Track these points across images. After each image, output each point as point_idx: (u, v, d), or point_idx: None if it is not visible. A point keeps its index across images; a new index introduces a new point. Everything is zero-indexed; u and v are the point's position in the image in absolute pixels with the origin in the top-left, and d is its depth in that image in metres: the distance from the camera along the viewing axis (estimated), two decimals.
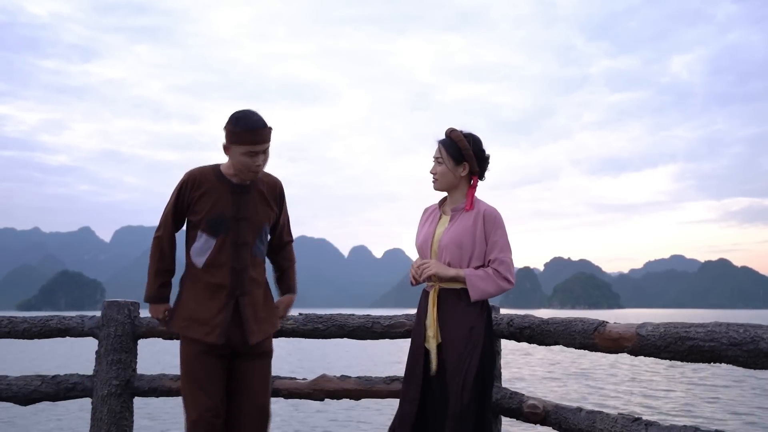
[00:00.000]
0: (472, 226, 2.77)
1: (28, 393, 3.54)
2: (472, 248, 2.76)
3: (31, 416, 9.57)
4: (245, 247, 2.76)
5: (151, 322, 3.57)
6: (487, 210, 2.80)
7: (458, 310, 2.76)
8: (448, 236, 2.79)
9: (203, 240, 2.73)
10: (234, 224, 2.74)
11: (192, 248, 2.77)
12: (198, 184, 2.74)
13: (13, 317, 3.68)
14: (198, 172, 2.77)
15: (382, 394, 3.42)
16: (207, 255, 2.73)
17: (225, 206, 2.74)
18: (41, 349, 25.67)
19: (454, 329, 2.73)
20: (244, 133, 2.63)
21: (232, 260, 2.73)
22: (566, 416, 2.87)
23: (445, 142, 2.84)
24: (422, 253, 2.90)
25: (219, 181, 2.75)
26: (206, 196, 2.73)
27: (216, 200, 2.73)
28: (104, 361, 3.49)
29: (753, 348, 2.09)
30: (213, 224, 2.72)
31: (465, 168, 2.82)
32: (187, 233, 2.80)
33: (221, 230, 2.72)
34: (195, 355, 2.72)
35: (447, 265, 2.78)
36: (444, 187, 2.88)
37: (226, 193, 2.75)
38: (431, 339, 2.78)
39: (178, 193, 2.76)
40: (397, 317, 3.47)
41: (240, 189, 2.77)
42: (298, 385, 3.47)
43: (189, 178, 2.76)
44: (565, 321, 2.90)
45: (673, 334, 2.34)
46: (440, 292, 2.81)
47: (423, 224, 2.98)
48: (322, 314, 3.52)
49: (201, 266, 2.74)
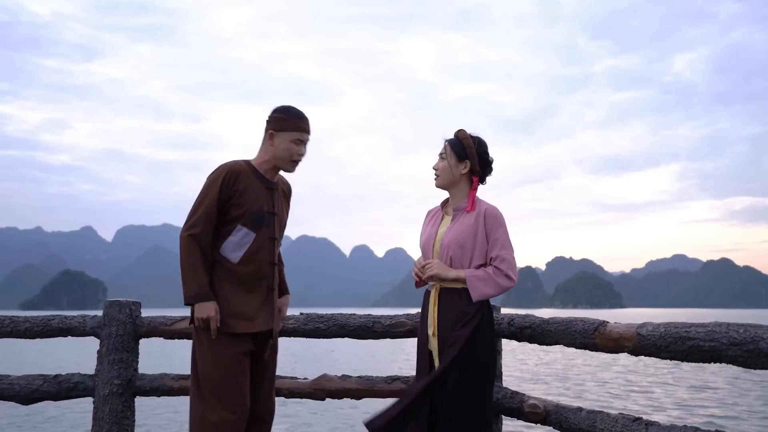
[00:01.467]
0: (473, 225, 2.81)
1: (30, 392, 3.55)
2: (473, 247, 2.79)
3: (32, 416, 9.58)
4: (276, 242, 2.84)
5: (153, 321, 3.58)
6: (488, 209, 2.84)
7: (458, 310, 2.77)
8: (450, 236, 2.83)
9: (242, 234, 2.72)
10: (270, 219, 2.79)
11: (226, 243, 2.73)
12: (238, 178, 2.73)
13: (15, 317, 3.69)
14: (236, 165, 2.76)
15: (384, 394, 3.42)
16: (245, 249, 2.73)
17: (264, 200, 2.77)
18: (43, 349, 25.68)
19: (453, 329, 2.75)
20: (296, 120, 2.76)
21: (268, 256, 2.79)
22: (567, 416, 2.87)
23: (452, 140, 2.93)
24: (425, 253, 2.94)
25: (255, 175, 2.78)
26: (248, 189, 2.73)
27: (257, 194, 2.75)
28: (106, 360, 3.50)
29: (753, 348, 2.10)
30: (256, 218, 2.73)
31: (466, 166, 2.88)
32: (217, 229, 2.73)
33: (262, 224, 2.75)
34: (236, 357, 2.68)
35: (449, 265, 2.80)
36: (444, 183, 2.93)
37: (262, 187, 2.78)
38: (432, 338, 2.81)
39: (220, 186, 2.69)
40: (398, 317, 3.47)
41: (272, 185, 2.82)
42: (299, 384, 3.47)
43: (229, 171, 2.72)
44: (565, 321, 2.91)
45: (674, 334, 2.35)
46: (441, 292, 2.83)
47: (426, 225, 3.03)
48: (323, 314, 3.53)
49: (237, 261, 2.72)
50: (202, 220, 2.69)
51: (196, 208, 2.71)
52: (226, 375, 2.65)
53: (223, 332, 2.68)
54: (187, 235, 2.68)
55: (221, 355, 2.67)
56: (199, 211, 2.69)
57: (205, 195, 2.70)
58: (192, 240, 2.68)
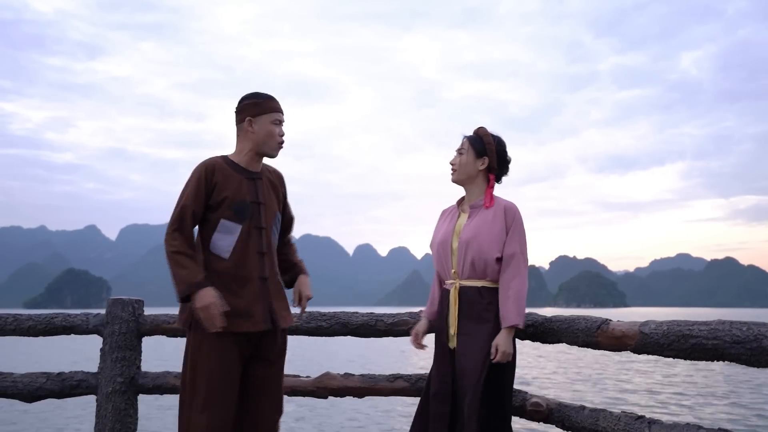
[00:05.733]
0: (492, 221, 2.82)
1: (33, 390, 3.56)
2: (491, 242, 2.79)
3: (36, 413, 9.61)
4: (266, 232, 2.78)
5: (156, 319, 3.59)
6: (507, 205, 2.87)
7: (479, 308, 2.78)
8: (468, 232, 2.83)
9: (228, 227, 2.68)
10: (255, 209, 2.74)
11: (212, 239, 2.69)
12: (215, 172, 2.70)
13: (19, 315, 3.70)
14: (211, 161, 2.74)
15: (386, 392, 3.42)
16: (234, 242, 2.68)
17: (245, 191, 2.73)
18: (46, 347, 25.77)
19: (474, 327, 2.77)
20: (270, 101, 2.77)
21: (257, 246, 2.73)
22: (569, 414, 2.87)
23: (471, 137, 2.95)
24: (442, 251, 2.92)
25: (232, 168, 2.75)
26: (226, 182, 2.70)
27: (237, 186, 2.72)
28: (109, 358, 3.51)
29: (756, 346, 2.09)
30: (238, 209, 2.69)
31: (484, 162, 2.90)
32: (202, 227, 2.71)
33: (246, 215, 2.71)
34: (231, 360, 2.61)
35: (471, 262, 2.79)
36: (461, 178, 2.93)
37: (242, 178, 2.75)
38: (453, 337, 2.82)
39: (197, 182, 2.67)
40: (401, 315, 3.47)
41: (253, 175, 2.79)
42: (302, 382, 3.47)
43: (206, 167, 2.70)
44: (568, 319, 2.90)
45: (676, 332, 2.34)
46: (461, 291, 2.83)
47: (442, 223, 3.02)
48: (326, 312, 3.53)
49: (227, 256, 2.67)
50: (182, 217, 2.64)
51: (175, 208, 2.67)
52: (212, 377, 2.57)
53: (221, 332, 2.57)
54: (168, 235, 2.63)
55: (219, 357, 2.60)
56: (177, 210, 2.65)
57: (182, 195, 2.68)
58: (173, 239, 2.61)
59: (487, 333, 2.73)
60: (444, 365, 2.85)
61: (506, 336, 2.71)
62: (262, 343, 2.72)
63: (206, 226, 2.71)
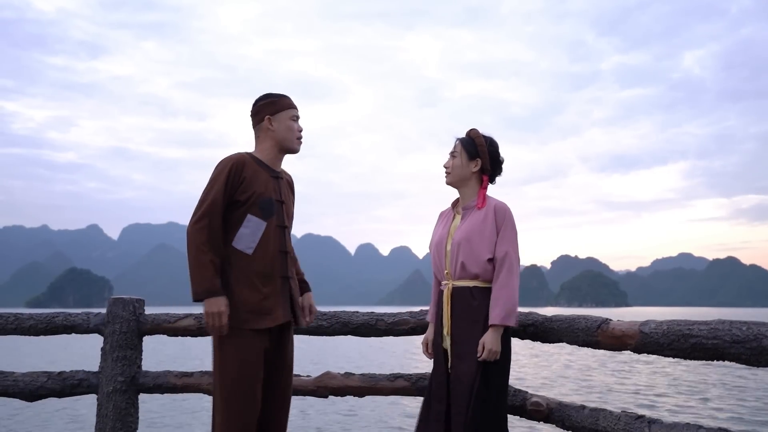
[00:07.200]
0: (483, 222, 2.83)
1: (34, 389, 3.56)
2: (481, 242, 2.81)
3: (37, 412, 9.63)
4: (287, 230, 2.80)
5: (157, 318, 3.59)
6: (497, 204, 2.88)
7: (471, 309, 2.79)
8: (460, 234, 2.86)
9: (253, 223, 2.67)
10: (279, 207, 2.76)
11: (237, 235, 2.66)
12: (243, 168, 2.69)
13: (20, 314, 3.71)
14: (240, 156, 2.73)
15: (386, 392, 3.42)
16: (258, 239, 2.68)
17: (270, 188, 2.74)
18: (47, 346, 25.81)
19: (466, 327, 2.78)
20: (285, 99, 2.82)
21: (280, 244, 2.74)
22: (569, 413, 2.87)
23: (463, 139, 2.97)
24: (437, 253, 2.96)
25: (258, 165, 2.75)
26: (253, 178, 2.70)
27: (264, 182, 2.72)
28: (109, 357, 3.51)
29: (756, 345, 2.09)
30: (265, 206, 2.69)
31: (477, 164, 2.92)
32: (226, 222, 2.67)
33: (272, 212, 2.71)
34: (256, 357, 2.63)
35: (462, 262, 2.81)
36: (455, 180, 2.95)
37: (267, 176, 2.76)
38: (446, 338, 2.84)
39: (226, 177, 2.64)
40: (401, 314, 3.47)
41: (277, 174, 2.81)
42: (303, 382, 3.48)
43: (234, 162, 2.68)
44: (568, 318, 2.91)
45: (676, 331, 2.35)
46: (453, 291, 2.85)
47: (438, 226, 3.05)
48: (326, 311, 3.53)
49: (250, 252, 2.67)
50: (209, 212, 2.60)
51: (203, 200, 2.64)
52: (242, 375, 2.59)
53: (243, 329, 2.60)
54: (195, 228, 2.59)
55: (243, 354, 2.60)
56: (206, 203, 2.62)
57: (211, 187, 2.65)
58: (199, 233, 2.58)
59: (480, 334, 2.74)
60: (439, 365, 2.87)
61: (493, 334, 2.72)
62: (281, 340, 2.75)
63: (231, 220, 2.68)
